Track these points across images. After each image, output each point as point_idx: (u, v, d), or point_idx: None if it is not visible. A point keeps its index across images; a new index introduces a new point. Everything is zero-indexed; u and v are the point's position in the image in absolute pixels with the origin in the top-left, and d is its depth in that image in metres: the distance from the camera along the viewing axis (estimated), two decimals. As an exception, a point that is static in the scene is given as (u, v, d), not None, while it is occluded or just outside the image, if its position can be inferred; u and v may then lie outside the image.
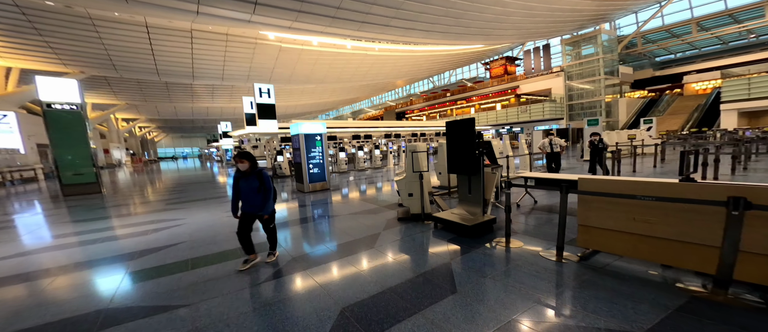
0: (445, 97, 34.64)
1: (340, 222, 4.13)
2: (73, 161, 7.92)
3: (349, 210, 4.85)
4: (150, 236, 3.96)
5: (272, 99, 15.50)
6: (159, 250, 3.35)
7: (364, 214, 4.51)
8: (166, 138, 59.89)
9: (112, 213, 5.71)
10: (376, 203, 5.37)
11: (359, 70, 27.42)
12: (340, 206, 5.21)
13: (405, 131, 21.61)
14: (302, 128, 6.96)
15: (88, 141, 8.15)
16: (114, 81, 22.71)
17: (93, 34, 15.11)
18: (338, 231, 3.73)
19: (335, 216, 4.50)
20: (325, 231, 3.80)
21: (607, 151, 6.21)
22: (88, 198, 7.57)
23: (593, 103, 20.79)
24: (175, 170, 21.28)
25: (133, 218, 5.17)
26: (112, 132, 33.44)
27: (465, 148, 3.27)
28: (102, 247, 3.58)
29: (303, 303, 2.10)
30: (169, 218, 4.98)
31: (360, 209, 4.92)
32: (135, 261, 3.04)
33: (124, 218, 5.21)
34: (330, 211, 4.94)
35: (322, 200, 5.98)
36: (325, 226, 4.02)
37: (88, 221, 5.05)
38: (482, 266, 2.50)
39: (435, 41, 19.52)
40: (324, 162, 7.31)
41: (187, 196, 7.46)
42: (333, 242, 3.36)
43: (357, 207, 5.04)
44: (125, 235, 4.08)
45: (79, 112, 8.04)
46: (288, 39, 19.76)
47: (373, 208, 4.89)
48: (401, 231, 3.53)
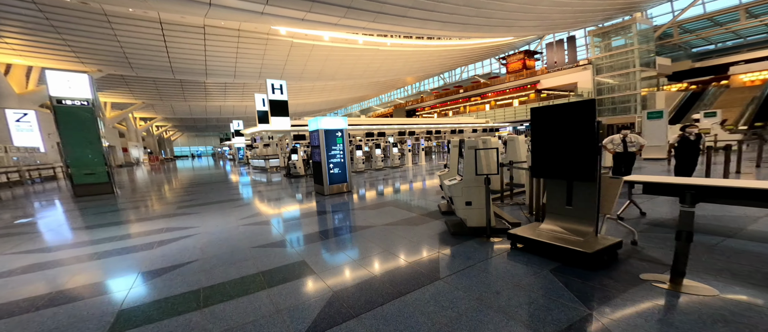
0: (458, 93, 33.37)
1: (378, 237, 3.37)
2: (84, 160, 7.53)
3: (383, 219, 4.10)
4: (156, 250, 3.33)
5: (285, 95, 14.94)
6: (164, 273, 2.70)
7: (404, 225, 3.74)
8: (181, 137, 61.16)
9: (120, 218, 5.18)
10: (411, 209, 4.60)
11: (370, 66, 26.61)
12: (371, 214, 4.46)
13: (419, 128, 20.71)
14: (322, 124, 6.25)
15: (100, 139, 7.74)
16: (131, 80, 22.81)
17: (108, 31, 14.93)
18: (380, 251, 2.97)
19: (368, 228, 3.75)
20: (362, 250, 3.04)
21: (703, 147, 4.96)
22: (99, 199, 7.15)
23: (627, 97, 19.19)
24: (189, 169, 21.20)
25: (141, 226, 4.60)
26: (130, 131, 34.08)
27: (573, 142, 2.33)
28: (96, 267, 2.97)
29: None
30: (180, 226, 4.38)
31: (395, 217, 4.16)
32: (132, 291, 2.38)
33: (130, 226, 4.64)
34: (359, 220, 4.20)
35: (346, 206, 5.26)
36: (360, 243, 3.26)
37: (89, 230, 4.51)
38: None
39: (452, 34, 18.44)
40: (345, 161, 6.60)
41: (200, 198, 6.92)
42: (375, 266, 2.61)
43: (391, 215, 4.28)
44: (128, 248, 3.47)
45: (90, 108, 7.62)
46: (299, 34, 19.16)
47: (411, 217, 4.11)
48: (466, 253, 2.72)
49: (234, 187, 8.81)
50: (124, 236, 4.00)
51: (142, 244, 3.58)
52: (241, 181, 10.62)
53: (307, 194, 6.69)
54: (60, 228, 4.65)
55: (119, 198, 7.28)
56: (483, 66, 38.13)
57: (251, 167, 17.40)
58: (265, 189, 7.95)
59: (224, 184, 9.73)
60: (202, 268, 2.75)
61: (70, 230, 4.48)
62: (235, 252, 3.13)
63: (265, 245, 3.31)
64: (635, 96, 18.56)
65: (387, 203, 5.18)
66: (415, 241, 3.12)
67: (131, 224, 4.71)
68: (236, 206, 5.65)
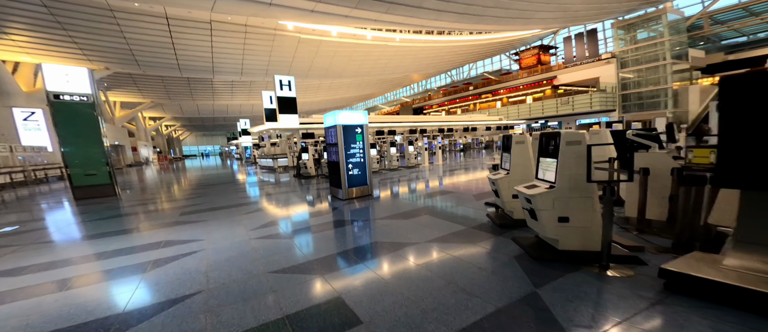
0: (468, 90, 32.32)
1: (431, 263, 2.62)
2: (84, 160, 6.97)
3: (425, 234, 3.34)
4: (150, 274, 2.65)
5: (293, 92, 14.30)
6: (155, 313, 2.00)
7: (456, 243, 2.97)
8: (190, 136, 61.52)
9: (115, 227, 4.55)
10: (454, 219, 3.83)
11: (378, 62, 25.82)
12: (406, 226, 3.70)
13: (430, 126, 19.88)
14: (340, 118, 5.52)
15: (101, 137, 7.17)
16: (139, 78, 22.54)
17: (114, 27, 14.49)
18: (442, 284, 2.20)
19: (410, 246, 3.00)
20: (418, 284, 2.28)
21: None
22: (99, 203, 6.59)
23: (656, 92, 17.93)
24: (196, 168, 20.82)
25: (137, 238, 3.95)
26: (140, 130, 34.10)
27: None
28: (70, 301, 2.29)
29: None
30: (183, 239, 3.71)
31: (439, 231, 3.39)
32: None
33: (125, 238, 3.99)
34: (394, 234, 3.44)
35: (370, 214, 4.52)
36: (410, 271, 2.51)
37: (75, 243, 3.88)
38: None
39: (468, 26, 17.47)
40: (365, 161, 5.86)
41: (207, 202, 6.28)
42: (450, 317, 1.84)
43: (433, 228, 3.52)
44: (114, 271, 2.80)
45: (91, 104, 7.06)
46: (307, 29, 18.49)
47: (460, 231, 3.34)
48: (587, 295, 1.84)
49: (242, 189, 8.18)
50: (115, 252, 3.34)
51: (134, 265, 2.90)
52: (249, 182, 10.01)
53: (323, 199, 5.98)
54: (42, 240, 4.03)
55: (121, 201, 6.71)
56: (492, 63, 36.96)
57: (259, 167, 16.85)
58: (276, 192, 7.27)
59: (232, 185, 9.12)
60: (206, 305, 2.05)
61: (53, 244, 3.86)
62: (249, 280, 2.42)
63: (285, 269, 2.60)
64: (666, 91, 17.31)
65: (419, 210, 4.43)
66: (486, 268, 2.35)
67: (127, 235, 4.06)
68: (246, 213, 4.97)
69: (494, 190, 3.19)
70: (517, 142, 2.89)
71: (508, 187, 2.97)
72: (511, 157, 2.97)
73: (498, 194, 3.13)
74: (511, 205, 3.02)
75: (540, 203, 2.26)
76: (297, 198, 6.20)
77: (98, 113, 7.15)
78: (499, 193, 3.04)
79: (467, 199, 4.93)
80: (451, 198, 5.10)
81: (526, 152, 2.95)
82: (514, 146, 2.91)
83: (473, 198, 4.95)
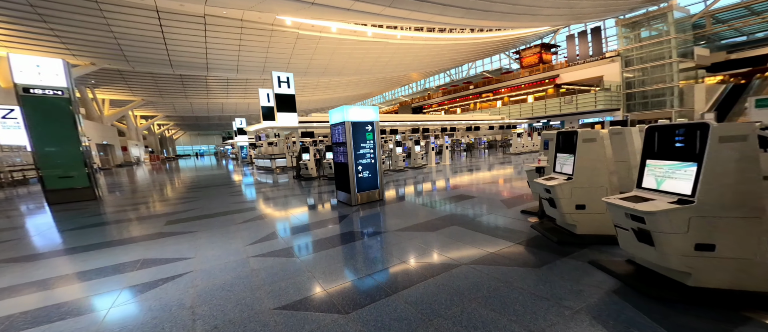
0: (468, 89, 31.94)
1: (491, 299, 2.02)
2: (58, 161, 6.21)
3: (465, 252, 2.75)
4: (116, 312, 2.01)
5: (292, 89, 13.62)
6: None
7: (513, 266, 2.39)
8: (184, 136, 60.00)
9: (86, 240, 3.85)
10: (490, 230, 3.26)
11: (379, 60, 25.23)
12: (435, 240, 3.11)
13: (433, 125, 19.37)
14: (350, 115, 4.90)
15: (77, 135, 6.41)
16: (128, 75, 21.52)
17: (100, 20, 13.59)
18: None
19: (452, 269, 2.41)
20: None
21: None
22: (74, 208, 5.85)
23: (662, 90, 17.68)
24: (189, 169, 19.93)
25: (110, 255, 3.27)
26: (130, 129, 32.85)
27: None
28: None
29: None
30: (165, 257, 3.06)
31: (478, 246, 2.81)
32: None
33: (95, 254, 3.32)
34: (424, 251, 2.85)
35: (388, 223, 3.92)
36: (470, 316, 1.89)
37: (32, 262, 3.19)
38: None
39: (474, 22, 16.98)
40: (376, 162, 5.26)
41: (198, 207, 5.60)
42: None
43: (469, 243, 2.93)
44: (72, 305, 2.15)
45: (66, 99, 6.30)
46: (306, 25, 17.79)
47: (508, 248, 2.76)
48: None
49: (238, 192, 7.49)
50: (76, 276, 2.68)
51: (97, 295, 2.25)
52: (245, 184, 9.31)
53: (329, 204, 5.36)
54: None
55: (100, 207, 5.98)
56: (492, 62, 36.72)
57: (255, 168, 16.09)
58: (275, 195, 6.62)
59: (227, 187, 8.42)
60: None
61: (4, 263, 3.16)
62: (250, 321, 1.80)
63: (297, 304, 1.98)
64: (672, 89, 17.07)
65: (444, 219, 3.84)
66: (580, 310, 1.73)
67: (96, 252, 3.38)
68: (242, 222, 4.32)
69: (547, 198, 2.61)
70: (585, 139, 2.31)
71: (570, 196, 2.40)
72: (577, 159, 2.39)
73: (553, 204, 2.56)
74: (574, 218, 2.45)
75: (665, 223, 1.62)
76: (300, 203, 5.57)
77: (75, 109, 6.39)
78: (555, 202, 2.47)
79: (495, 205, 4.36)
80: (476, 204, 4.52)
81: (599, 153, 2.37)
82: (582, 144, 2.33)
83: (502, 204, 4.37)
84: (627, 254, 1.96)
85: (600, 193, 2.36)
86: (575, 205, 2.41)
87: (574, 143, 2.45)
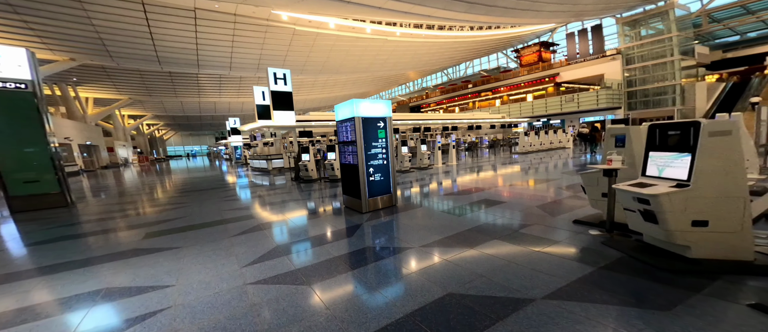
0: (467, 88, 31.62)
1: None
2: (21, 163, 5.40)
3: (523, 278, 2.17)
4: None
5: (289, 86, 12.88)
6: None
7: (619, 305, 1.81)
8: (175, 136, 58.07)
9: (41, 260, 3.13)
10: (547, 247, 2.70)
11: (377, 58, 24.64)
12: (484, 264, 2.52)
13: (434, 123, 18.89)
14: (361, 110, 4.29)
15: (45, 134, 5.61)
16: (113, 72, 20.33)
17: (79, 12, 12.58)
18: None
19: (524, 307, 1.82)
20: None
21: None
22: (39, 217, 5.06)
23: (663, 89, 17.57)
24: (180, 170, 18.93)
25: (69, 280, 2.58)
26: (118, 130, 31.35)
27: None
28: None
29: None
30: (138, 285, 2.40)
31: (551, 273, 2.24)
32: None
33: (48, 280, 2.62)
34: (464, 275, 2.26)
35: (408, 236, 3.33)
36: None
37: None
38: None
39: (477, 18, 16.49)
40: (389, 164, 4.66)
41: (185, 215, 4.90)
42: None
43: (533, 266, 2.36)
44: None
45: (29, 93, 5.48)
46: (303, 21, 17.05)
47: (589, 274, 2.18)
48: None
49: (232, 196, 6.78)
50: (13, 316, 1.99)
51: None
52: (240, 186, 8.59)
53: (336, 211, 4.73)
54: None
55: (71, 215, 5.20)
56: (489, 61, 36.57)
57: (251, 169, 15.27)
58: (274, 201, 5.95)
59: (220, 191, 7.69)
60: None
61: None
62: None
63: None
64: (674, 87, 16.97)
65: (477, 229, 3.27)
66: None
67: (48, 277, 2.68)
68: (237, 234, 3.67)
69: (641, 211, 1.97)
70: (715, 132, 1.66)
71: (684, 209, 1.77)
72: (698, 159, 1.76)
73: (649, 217, 1.94)
74: (688, 238, 1.83)
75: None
76: (302, 210, 4.92)
77: (42, 105, 5.58)
78: (658, 217, 1.85)
79: (533, 212, 3.79)
80: (509, 211, 3.94)
81: (733, 151, 1.74)
82: (708, 140, 1.73)
83: (542, 212, 3.78)
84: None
85: (733, 206, 1.77)
86: (691, 221, 1.81)
87: (691, 138, 1.86)
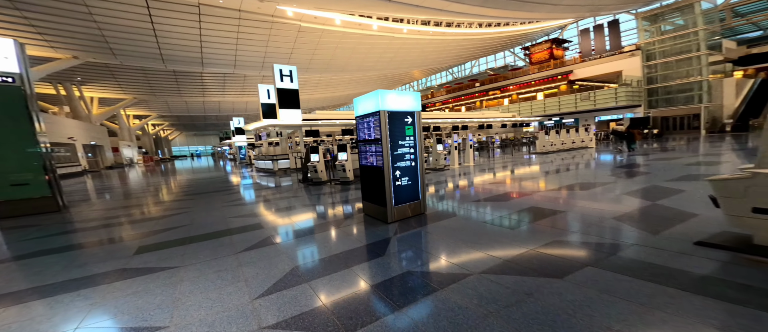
0: (474, 87, 30.87)
1: None
2: (8, 164, 4.89)
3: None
4: None
5: (295, 84, 12.32)
6: None
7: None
8: (180, 136, 58.09)
9: (14, 280, 2.57)
10: (667, 283, 2.05)
11: (384, 56, 24.04)
12: (579, 303, 1.89)
13: (444, 123, 18.25)
14: (388, 102, 3.68)
15: (33, 132, 5.09)
16: (117, 71, 20.00)
17: (81, 7, 12.16)
18: None
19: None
20: None
21: None
22: (25, 224, 4.53)
23: (688, 85, 16.66)
24: (184, 171, 18.52)
25: (28, 316, 2.01)
26: (123, 130, 31.16)
27: None
28: None
29: None
30: (125, 325, 1.81)
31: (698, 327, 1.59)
32: None
33: (9, 319, 2.05)
34: (570, 325, 1.63)
35: (452, 252, 2.72)
36: None
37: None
38: None
39: (492, 12, 15.78)
40: (418, 165, 4.05)
41: (187, 224, 4.34)
42: None
43: (670, 311, 1.72)
44: None
45: (17, 87, 4.97)
46: (309, 17, 16.51)
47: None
48: None
49: (237, 201, 6.23)
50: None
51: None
52: (245, 189, 8.04)
53: (353, 219, 4.13)
54: None
55: (59, 222, 4.67)
56: (496, 60, 35.81)
57: (255, 169, 14.76)
58: (284, 207, 5.37)
59: (224, 194, 7.14)
60: None
61: None
62: None
63: None
64: (700, 84, 16.06)
65: (536, 243, 2.63)
66: None
67: (13, 308, 2.11)
68: (244, 249, 3.08)
69: None
70: None
71: None
72: None
73: None
74: None
75: None
76: (317, 219, 4.33)
77: (31, 101, 5.06)
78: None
79: (613, 226, 3.01)
80: (577, 224, 3.19)
81: None
82: None
83: (630, 226, 2.98)
84: None
85: None
86: None
87: None
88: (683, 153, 9.08)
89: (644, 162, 7.54)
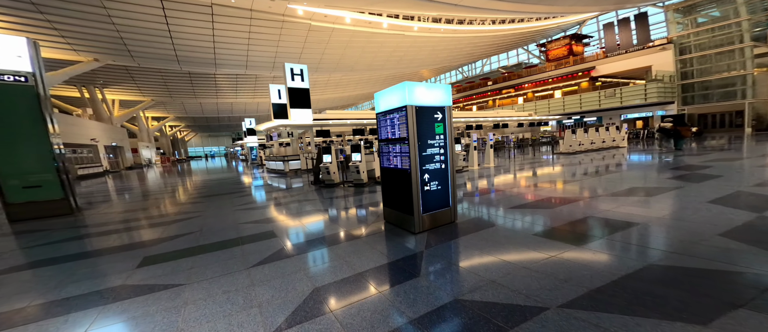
0: (486, 86, 29.87)
1: None
2: (20, 166, 4.77)
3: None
4: None
5: (306, 83, 12.06)
6: None
7: None
8: (195, 137, 59.80)
9: (17, 291, 2.28)
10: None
11: (393, 55, 23.57)
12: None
13: (458, 122, 17.58)
14: (416, 96, 3.22)
15: (47, 134, 4.96)
16: (136, 73, 20.52)
17: (100, 10, 12.38)
18: None
19: None
20: None
21: None
22: (35, 229, 4.37)
23: (729, 80, 15.28)
24: (197, 171, 18.73)
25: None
26: (142, 131, 32.18)
27: None
28: None
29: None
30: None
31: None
32: None
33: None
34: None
35: (499, 276, 2.23)
36: None
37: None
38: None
39: (507, 5, 14.97)
40: (448, 168, 3.57)
41: (196, 230, 4.04)
42: None
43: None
44: None
45: (29, 87, 4.84)
46: (319, 15, 16.28)
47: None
48: None
49: (248, 204, 5.94)
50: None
51: None
52: (257, 192, 7.79)
53: (372, 226, 3.69)
54: None
55: (70, 226, 4.49)
56: (508, 57, 34.61)
57: (266, 170, 14.64)
58: (297, 212, 5.02)
59: (236, 196, 6.90)
60: None
61: None
62: None
63: None
64: (743, 78, 14.67)
65: (628, 268, 2.10)
66: None
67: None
68: (258, 263, 2.70)
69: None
70: None
71: None
72: None
73: None
74: None
75: None
76: (334, 227, 3.92)
77: (44, 102, 4.93)
78: None
79: (721, 246, 2.52)
80: (665, 238, 2.64)
81: None
82: None
83: (753, 245, 2.37)
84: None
85: None
86: None
87: None
88: (739, 153, 8.08)
89: (700, 163, 6.63)
